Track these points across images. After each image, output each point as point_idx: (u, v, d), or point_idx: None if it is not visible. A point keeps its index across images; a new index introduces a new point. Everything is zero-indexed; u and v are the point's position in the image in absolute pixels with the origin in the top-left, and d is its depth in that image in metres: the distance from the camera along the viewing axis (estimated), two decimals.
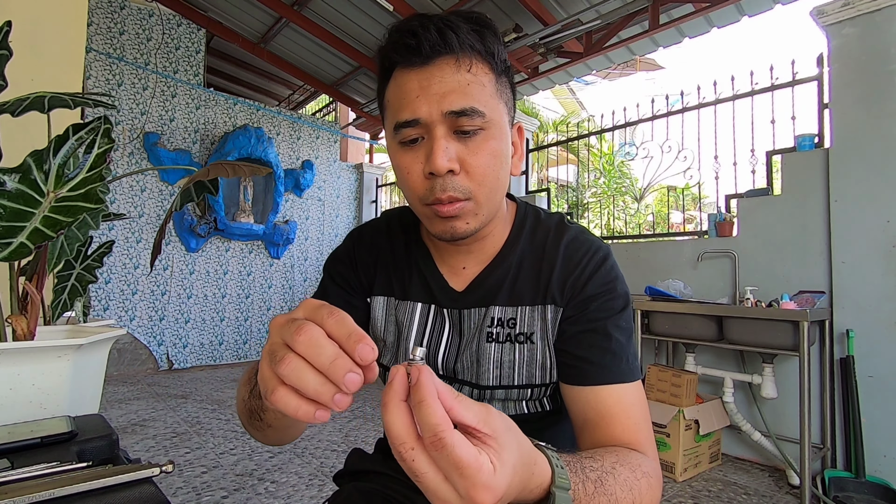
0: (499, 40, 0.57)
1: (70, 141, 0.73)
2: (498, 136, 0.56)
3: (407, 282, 0.68)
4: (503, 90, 0.58)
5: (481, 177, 0.55)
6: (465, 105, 0.53)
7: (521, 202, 0.70)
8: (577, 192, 4.48)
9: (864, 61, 2.20)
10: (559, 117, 9.23)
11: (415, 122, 0.54)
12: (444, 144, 0.53)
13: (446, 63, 0.54)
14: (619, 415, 0.55)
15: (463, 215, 0.56)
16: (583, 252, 0.62)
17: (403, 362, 0.32)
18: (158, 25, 4.18)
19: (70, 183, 0.72)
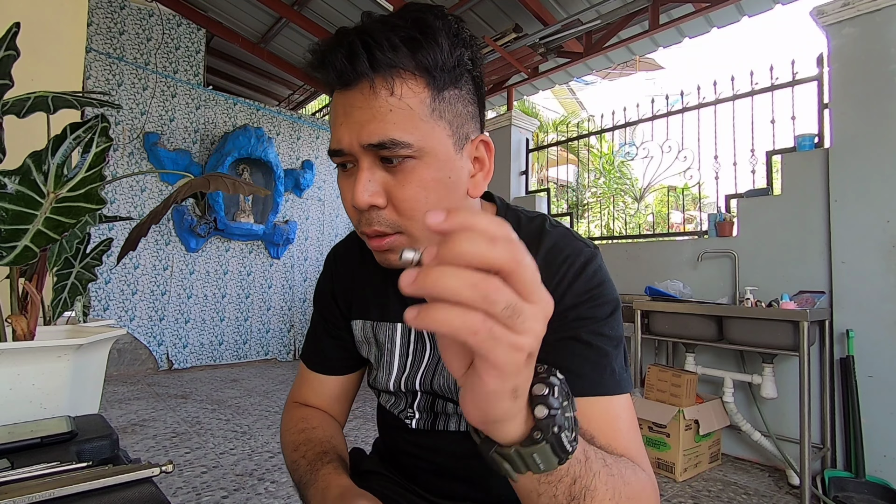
0: (449, 44, 0.49)
1: (68, 140, 0.73)
2: (432, 163, 0.49)
3: (384, 303, 0.66)
4: (447, 107, 0.50)
5: (410, 211, 0.50)
6: (382, 137, 0.47)
7: (500, 205, 0.65)
8: (577, 192, 4.48)
9: (864, 61, 2.20)
10: (559, 117, 9.23)
11: (341, 152, 0.50)
12: (367, 177, 0.49)
13: (363, 87, 0.48)
14: (605, 427, 0.51)
15: (395, 249, 0.53)
16: (561, 260, 0.57)
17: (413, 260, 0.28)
18: (158, 25, 4.18)
19: (70, 183, 0.72)
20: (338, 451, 0.66)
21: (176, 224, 4.21)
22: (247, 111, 4.67)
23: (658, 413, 2.24)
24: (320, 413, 0.73)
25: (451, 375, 0.61)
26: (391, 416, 0.71)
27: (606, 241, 3.58)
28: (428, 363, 0.64)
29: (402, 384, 0.66)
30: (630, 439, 0.51)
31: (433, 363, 0.64)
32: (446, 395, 0.64)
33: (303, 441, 0.66)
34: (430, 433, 0.67)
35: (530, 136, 4.27)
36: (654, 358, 2.83)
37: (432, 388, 0.64)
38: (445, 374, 0.63)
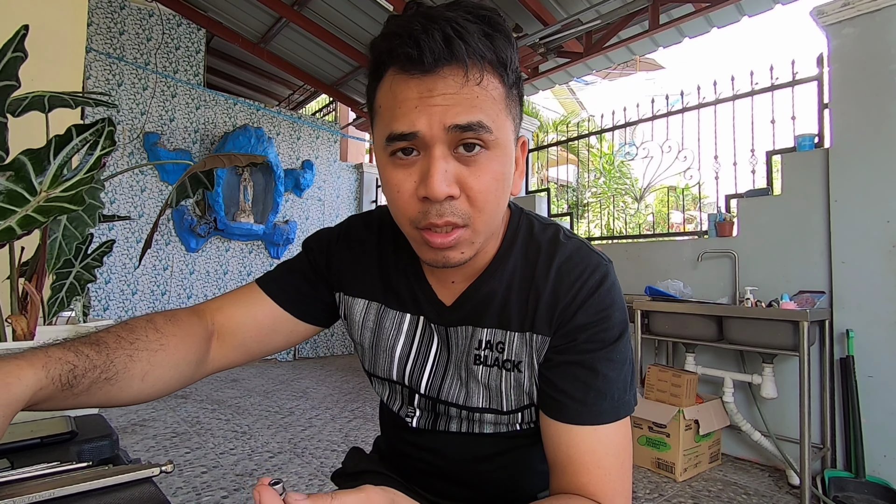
0: (511, 46, 0.50)
1: (73, 141, 0.73)
2: (503, 156, 0.50)
3: (395, 288, 0.64)
4: (513, 105, 0.52)
5: (483, 202, 0.49)
6: (472, 119, 0.46)
7: (515, 209, 0.64)
8: (577, 192, 4.47)
9: (864, 61, 2.20)
10: (559, 117, 9.24)
11: (411, 136, 0.47)
12: (443, 166, 0.47)
13: (452, 73, 0.46)
14: (589, 464, 0.51)
15: (458, 245, 0.51)
16: (575, 276, 0.56)
17: (266, 478, 0.33)
18: (158, 25, 4.18)
19: (66, 183, 0.72)
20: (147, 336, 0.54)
21: (176, 224, 4.21)
22: (247, 111, 4.67)
23: (658, 413, 2.24)
24: (200, 325, 0.61)
25: (459, 388, 0.62)
26: (393, 414, 0.70)
27: (606, 241, 3.58)
28: (436, 362, 0.63)
29: (406, 378, 0.64)
30: (612, 479, 0.51)
31: (441, 368, 0.63)
32: (450, 402, 0.63)
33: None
34: (431, 433, 0.66)
35: (530, 136, 4.27)
36: (654, 358, 2.83)
37: (439, 396, 0.63)
38: (457, 386, 0.62)
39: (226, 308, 0.64)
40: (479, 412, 0.61)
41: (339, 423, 2.86)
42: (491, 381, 0.60)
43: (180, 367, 0.57)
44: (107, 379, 0.49)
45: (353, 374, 4.19)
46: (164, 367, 0.55)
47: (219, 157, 1.01)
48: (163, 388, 0.56)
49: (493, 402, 0.60)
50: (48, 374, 0.44)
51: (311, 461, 2.28)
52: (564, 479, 0.52)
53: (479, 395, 0.61)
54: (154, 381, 0.54)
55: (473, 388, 0.61)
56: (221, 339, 0.63)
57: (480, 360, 0.60)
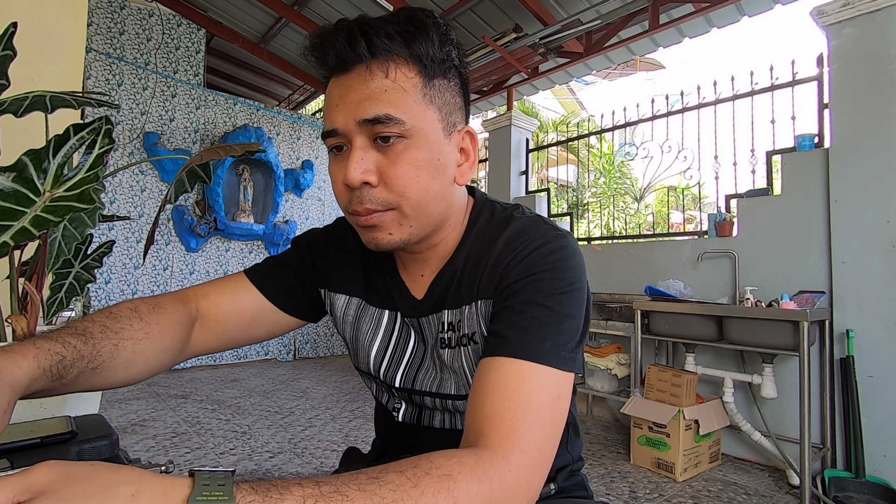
0: (429, 39, 0.52)
1: (71, 140, 0.73)
2: (422, 144, 0.52)
3: (375, 286, 0.67)
4: (437, 94, 0.54)
5: (402, 188, 0.52)
6: (378, 112, 0.50)
7: (479, 198, 0.66)
8: (577, 192, 4.47)
9: (864, 61, 2.20)
10: (559, 117, 9.23)
11: (334, 133, 0.52)
12: (360, 155, 0.51)
13: (361, 71, 0.51)
14: (494, 393, 0.46)
15: (384, 226, 0.54)
16: (521, 242, 0.56)
17: None
18: (158, 25, 4.18)
19: (67, 183, 0.72)
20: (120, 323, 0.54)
21: (176, 224, 4.21)
22: (247, 111, 4.67)
23: (658, 413, 2.24)
24: (184, 311, 0.62)
25: (434, 376, 0.63)
26: (382, 408, 0.72)
27: (606, 241, 3.58)
28: (413, 355, 0.65)
29: (381, 372, 0.66)
30: (512, 413, 0.45)
31: (417, 360, 0.65)
32: (424, 392, 0.64)
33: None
34: (417, 428, 0.67)
35: (530, 136, 4.26)
36: (654, 358, 2.83)
37: (413, 386, 0.65)
38: (431, 375, 0.64)
39: (212, 295, 0.66)
40: (451, 399, 0.62)
41: (339, 423, 2.86)
42: (455, 362, 0.61)
43: (163, 354, 0.58)
44: (93, 369, 0.50)
45: (353, 374, 4.19)
46: (147, 355, 0.56)
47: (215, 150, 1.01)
48: (145, 373, 0.58)
49: (462, 387, 0.61)
50: (39, 366, 0.45)
51: (311, 461, 2.28)
52: (469, 411, 0.48)
53: (451, 380, 0.62)
54: (137, 368, 0.56)
55: (445, 375, 0.62)
56: (205, 325, 0.64)
57: (446, 342, 0.61)
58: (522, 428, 0.44)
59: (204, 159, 0.99)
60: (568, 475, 0.70)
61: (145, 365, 0.56)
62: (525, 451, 0.44)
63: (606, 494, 2.03)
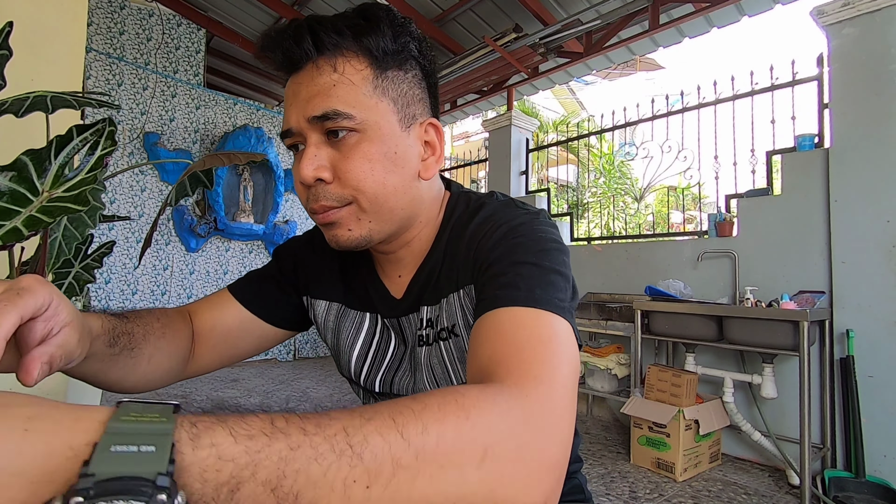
0: (392, 32, 0.52)
1: (74, 141, 0.73)
2: (375, 137, 0.51)
3: (354, 289, 0.66)
4: (390, 85, 0.52)
5: (355, 181, 0.51)
6: (325, 108, 0.49)
7: (454, 191, 0.64)
8: (577, 192, 4.47)
9: (864, 61, 2.20)
10: (559, 117, 9.23)
11: (290, 132, 0.52)
12: (313, 152, 0.51)
13: (310, 67, 0.51)
14: (496, 335, 0.42)
15: (342, 222, 0.53)
16: (489, 226, 0.55)
17: None
18: (158, 25, 4.18)
19: (67, 183, 0.72)
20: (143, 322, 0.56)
21: (176, 224, 4.21)
22: (247, 111, 4.67)
23: (658, 413, 2.24)
24: (186, 325, 0.64)
25: (409, 378, 0.62)
26: None
27: (606, 241, 3.58)
28: (391, 361, 0.64)
29: (361, 377, 0.65)
30: (520, 350, 0.39)
31: (397, 362, 0.64)
32: (402, 395, 0.62)
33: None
34: None
35: (530, 136, 4.26)
36: (654, 358, 2.83)
37: (391, 390, 0.64)
38: (407, 377, 0.63)
39: (200, 312, 0.66)
40: None
41: None
42: (432, 358, 0.59)
43: (174, 360, 0.59)
44: (131, 349, 0.52)
45: None
46: (164, 354, 0.57)
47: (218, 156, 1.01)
48: (160, 376, 0.58)
49: (441, 381, 0.59)
50: (103, 326, 0.48)
51: None
52: (471, 364, 0.43)
53: (425, 379, 0.60)
54: (155, 366, 0.56)
55: (419, 375, 0.61)
56: (198, 342, 0.64)
57: (423, 340, 0.60)
58: (537, 362, 0.38)
59: (207, 165, 0.99)
60: (565, 478, 0.68)
61: (160, 365, 0.57)
62: (546, 381, 0.37)
63: (606, 494, 2.03)
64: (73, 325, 0.41)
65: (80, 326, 0.42)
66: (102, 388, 0.53)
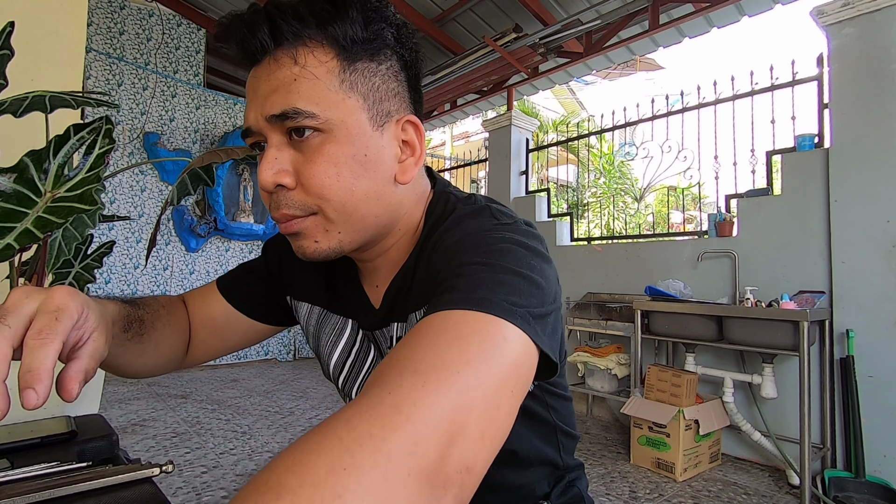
0: (362, 18, 0.46)
1: (71, 141, 0.73)
2: (342, 138, 0.45)
3: (337, 293, 0.62)
4: (360, 79, 0.46)
5: (319, 189, 0.45)
6: (285, 106, 0.44)
7: (438, 190, 0.57)
8: (577, 192, 4.48)
9: (864, 61, 2.20)
10: (559, 117, 9.23)
11: (249, 132, 0.47)
12: (274, 154, 0.45)
13: (269, 59, 0.45)
14: (412, 338, 0.33)
15: (307, 233, 0.48)
16: (450, 233, 0.48)
17: None
18: (158, 25, 4.18)
19: (69, 183, 0.72)
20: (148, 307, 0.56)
21: (176, 224, 4.21)
22: None
23: (658, 413, 2.24)
24: (185, 314, 0.64)
25: None
26: None
27: (606, 241, 3.58)
28: (368, 374, 0.60)
29: (340, 385, 0.63)
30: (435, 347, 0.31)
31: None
32: None
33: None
34: None
35: (530, 136, 4.26)
36: (654, 358, 2.83)
37: None
38: None
39: (192, 303, 0.65)
40: None
41: None
42: None
43: (176, 348, 0.59)
44: (140, 335, 0.51)
45: None
46: (169, 342, 0.57)
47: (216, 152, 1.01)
48: (163, 363, 0.58)
49: None
50: (120, 312, 0.47)
51: None
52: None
53: None
54: (160, 353, 0.56)
55: None
56: (192, 333, 0.64)
57: None
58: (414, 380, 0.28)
59: (205, 161, 0.99)
60: (564, 488, 0.64)
61: (164, 352, 0.56)
62: (412, 412, 0.26)
63: (606, 494, 2.03)
64: (100, 329, 0.40)
65: (106, 326, 0.42)
66: (107, 371, 0.52)
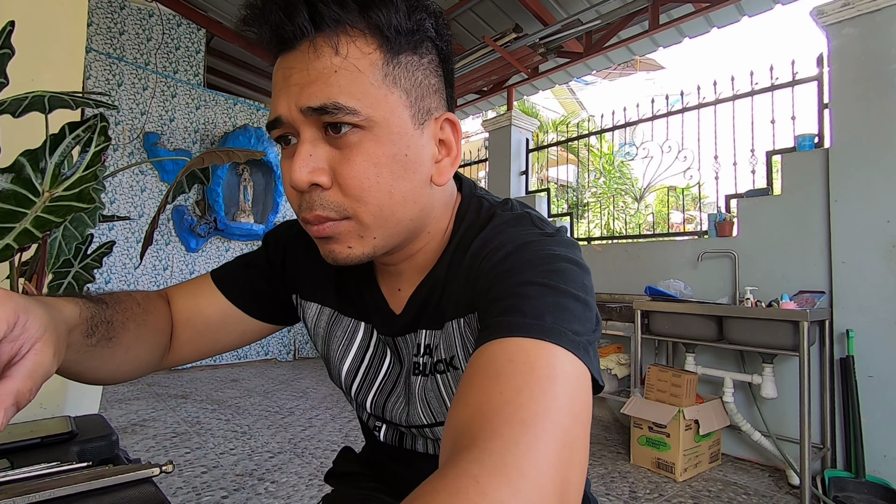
0: (406, 6, 0.43)
1: (67, 139, 0.73)
2: (384, 136, 0.42)
3: (349, 294, 0.58)
4: (403, 73, 0.43)
5: (358, 191, 0.42)
6: (324, 100, 0.40)
7: (466, 194, 0.55)
8: (577, 192, 4.48)
9: (864, 61, 2.20)
10: (559, 117, 9.23)
11: (278, 123, 0.44)
12: (308, 151, 0.42)
13: (306, 46, 0.41)
14: (479, 378, 0.33)
15: (340, 237, 0.45)
16: (495, 242, 0.46)
17: None
18: (158, 25, 4.18)
19: (66, 182, 0.72)
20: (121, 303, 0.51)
21: (176, 224, 4.21)
22: (247, 111, 4.67)
23: (658, 413, 2.24)
24: (167, 310, 0.57)
25: (402, 407, 0.56)
26: (363, 423, 0.67)
27: (606, 241, 3.58)
28: (384, 382, 0.58)
29: (353, 393, 0.60)
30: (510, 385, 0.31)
31: (390, 384, 0.57)
32: (393, 421, 0.58)
33: None
34: (400, 450, 0.61)
35: (530, 136, 4.27)
36: (654, 358, 2.83)
37: (383, 414, 0.58)
38: (401, 403, 0.56)
39: (178, 298, 0.59)
40: (418, 429, 0.56)
41: (339, 422, 2.86)
42: (428, 392, 0.53)
43: (153, 350, 0.53)
44: (109, 338, 0.46)
45: None
46: (144, 344, 0.52)
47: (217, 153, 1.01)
48: (136, 367, 0.52)
49: (437, 415, 0.53)
50: (80, 314, 0.42)
51: (311, 461, 2.28)
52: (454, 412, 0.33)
53: (419, 410, 0.54)
54: (133, 356, 0.51)
55: (412, 406, 0.55)
56: (174, 332, 0.58)
57: (419, 368, 0.54)
58: (525, 432, 0.28)
59: (206, 163, 0.99)
60: None
61: (139, 354, 0.51)
62: (531, 472, 0.27)
63: (606, 494, 2.03)
64: (46, 339, 0.35)
65: (55, 335, 0.36)
66: (71, 379, 0.47)
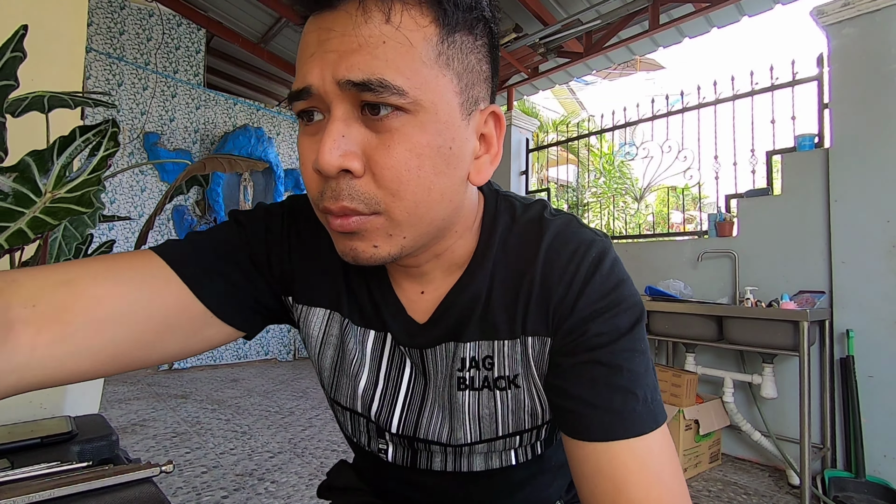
0: None
1: (77, 142, 0.73)
2: (429, 123, 0.37)
3: (356, 296, 0.50)
4: (457, 55, 0.38)
5: (395, 183, 0.36)
6: (369, 75, 0.34)
7: (489, 192, 0.50)
8: (577, 192, 4.48)
9: (864, 61, 2.20)
10: (559, 117, 9.23)
11: (305, 93, 0.37)
12: (340, 130, 0.36)
13: (352, 8, 0.35)
14: (645, 483, 0.39)
15: (366, 234, 0.38)
16: (567, 257, 0.44)
17: None
18: (158, 25, 4.18)
19: (70, 184, 0.72)
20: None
21: (176, 224, 4.21)
22: (247, 111, 4.67)
23: None
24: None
25: (442, 424, 0.50)
26: (359, 447, 0.57)
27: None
28: (409, 398, 0.51)
29: (373, 413, 0.51)
30: (671, 492, 0.39)
31: (417, 400, 0.50)
32: (431, 441, 0.51)
33: None
34: (410, 470, 0.54)
35: (530, 136, 4.27)
36: (655, 358, 2.83)
37: (416, 434, 0.51)
38: (437, 421, 0.50)
39: (78, 282, 0.39)
40: (467, 446, 0.50)
41: None
42: (482, 407, 0.48)
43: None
44: None
45: None
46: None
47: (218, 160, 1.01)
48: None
49: (486, 433, 0.49)
50: None
51: (311, 461, 2.28)
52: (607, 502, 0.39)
53: (467, 428, 0.49)
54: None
55: (458, 421, 0.49)
56: (56, 333, 0.37)
57: (465, 383, 0.48)
58: (675, 498, 0.39)
59: (207, 169, 1.00)
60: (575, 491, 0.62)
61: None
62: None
63: None
64: None
65: None
66: None
